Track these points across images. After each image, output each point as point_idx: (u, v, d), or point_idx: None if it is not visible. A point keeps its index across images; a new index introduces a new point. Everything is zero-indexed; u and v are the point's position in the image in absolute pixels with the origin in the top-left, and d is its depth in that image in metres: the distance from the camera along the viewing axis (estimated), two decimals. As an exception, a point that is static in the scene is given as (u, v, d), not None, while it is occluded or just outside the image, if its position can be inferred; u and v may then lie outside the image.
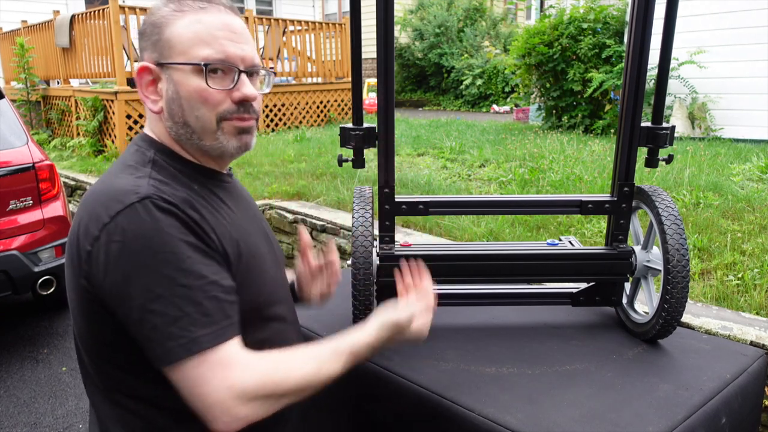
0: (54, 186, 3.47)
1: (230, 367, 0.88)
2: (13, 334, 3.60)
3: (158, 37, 0.99)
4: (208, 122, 1.00)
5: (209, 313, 0.89)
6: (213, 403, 0.86)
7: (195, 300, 0.88)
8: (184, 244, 0.89)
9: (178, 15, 0.98)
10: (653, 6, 1.50)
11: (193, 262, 0.89)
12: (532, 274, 1.65)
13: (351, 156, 1.64)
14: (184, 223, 0.91)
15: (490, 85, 12.63)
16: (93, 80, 8.27)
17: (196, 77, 0.97)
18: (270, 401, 0.90)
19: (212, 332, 0.88)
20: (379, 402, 1.45)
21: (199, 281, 0.89)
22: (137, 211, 0.88)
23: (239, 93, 1.00)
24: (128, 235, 0.87)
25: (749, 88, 6.19)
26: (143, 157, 1.01)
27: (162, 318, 0.86)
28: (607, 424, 1.18)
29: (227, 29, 0.99)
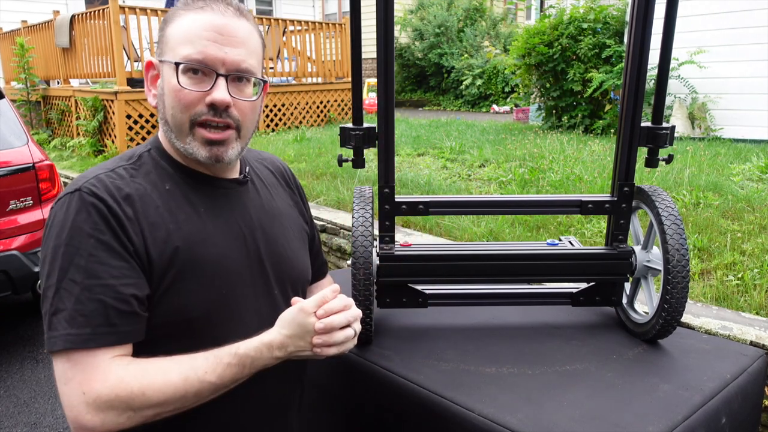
0: (54, 186, 3.47)
1: (92, 373, 0.87)
2: (13, 334, 3.60)
3: (162, 34, 1.01)
4: (181, 123, 0.99)
5: (87, 315, 0.88)
6: (67, 405, 0.88)
7: (78, 298, 0.88)
8: (93, 240, 0.90)
9: (182, 13, 0.99)
10: (653, 6, 1.49)
11: (94, 261, 0.89)
12: (532, 274, 1.65)
13: (351, 156, 1.63)
14: (104, 219, 0.91)
15: (490, 85, 12.63)
16: (93, 80, 8.27)
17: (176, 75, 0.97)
18: (127, 412, 0.87)
19: (83, 334, 0.87)
20: (379, 402, 1.45)
21: (90, 280, 0.88)
22: (64, 202, 0.93)
23: (209, 96, 0.97)
24: (53, 221, 0.93)
25: (749, 88, 6.19)
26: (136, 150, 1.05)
27: (48, 306, 0.89)
28: (607, 424, 1.17)
29: (215, 30, 0.97)
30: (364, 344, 1.52)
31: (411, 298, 1.66)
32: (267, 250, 1.12)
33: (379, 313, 1.71)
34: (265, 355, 0.96)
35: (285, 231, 1.19)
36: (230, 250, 1.04)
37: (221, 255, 1.03)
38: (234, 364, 0.94)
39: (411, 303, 1.66)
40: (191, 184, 1.03)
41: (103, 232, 0.91)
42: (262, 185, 1.19)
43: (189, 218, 1.00)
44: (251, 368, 0.96)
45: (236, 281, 1.04)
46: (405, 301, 1.66)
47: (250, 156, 1.23)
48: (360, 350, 1.49)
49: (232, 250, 1.05)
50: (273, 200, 1.19)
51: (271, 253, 1.12)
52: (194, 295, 0.98)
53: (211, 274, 1.01)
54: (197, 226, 1.01)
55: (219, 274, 1.02)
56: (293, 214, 1.26)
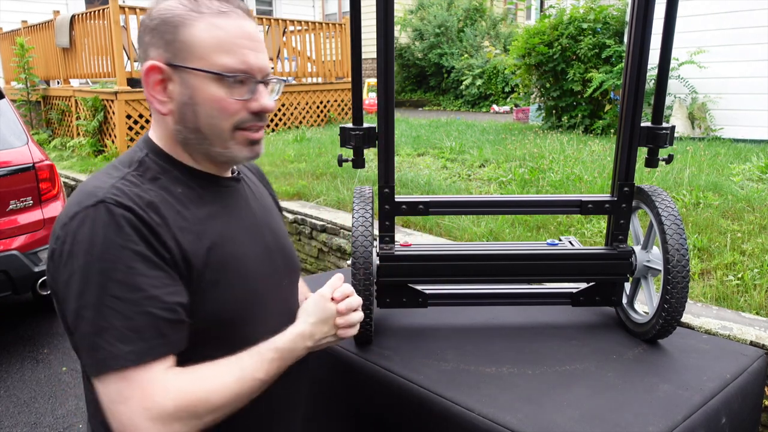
0: (54, 186, 3.47)
1: (151, 387, 0.84)
2: (13, 334, 3.60)
3: (173, 37, 0.94)
4: (222, 131, 0.98)
5: (139, 329, 0.84)
6: (128, 425, 0.83)
7: (125, 314, 0.84)
8: (128, 252, 0.86)
9: (196, 16, 0.94)
10: (653, 6, 1.50)
11: (133, 273, 0.86)
12: (532, 274, 1.65)
13: (351, 156, 1.63)
14: (135, 229, 0.87)
15: (490, 85, 12.63)
16: (93, 80, 8.28)
17: (216, 85, 0.95)
18: (191, 421, 0.86)
19: (138, 350, 0.84)
20: (379, 402, 1.45)
21: (135, 294, 0.85)
22: (89, 215, 0.87)
23: (258, 104, 0.98)
24: (77, 238, 0.86)
25: (749, 88, 6.19)
26: (132, 156, 1.00)
27: (90, 327, 0.84)
28: (607, 424, 1.17)
29: (247, 37, 0.96)
30: (364, 344, 1.52)
31: (411, 298, 1.66)
32: (274, 243, 1.14)
33: (379, 313, 1.71)
34: (299, 346, 1.02)
35: (278, 223, 1.22)
36: (250, 246, 1.06)
37: (245, 252, 1.04)
38: (277, 359, 0.98)
39: (411, 303, 1.66)
40: (200, 184, 1.02)
41: (137, 243, 0.87)
42: (251, 182, 1.20)
43: (209, 218, 1.00)
44: (289, 361, 1.01)
45: (259, 276, 1.06)
46: (405, 301, 1.66)
47: None
48: (360, 350, 1.49)
49: (252, 246, 1.06)
50: (261, 196, 1.21)
51: (278, 246, 1.15)
52: (230, 293, 0.99)
53: (242, 272, 1.02)
54: (219, 226, 1.01)
55: (247, 270, 1.03)
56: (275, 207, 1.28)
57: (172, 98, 0.97)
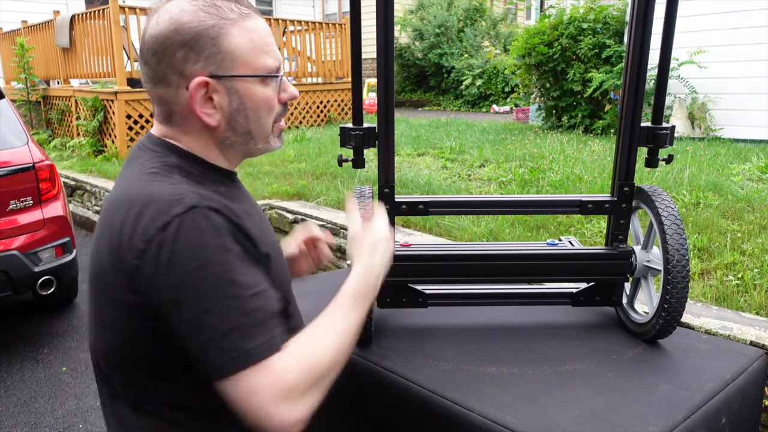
0: (54, 186, 3.47)
1: (278, 373, 0.86)
2: (13, 334, 3.60)
3: (215, 49, 0.93)
4: (268, 127, 1.03)
5: (259, 323, 0.87)
6: (263, 415, 0.85)
7: (245, 311, 0.86)
8: (230, 254, 0.88)
9: (227, 23, 0.94)
10: (653, 6, 1.50)
11: (241, 272, 0.88)
12: (532, 274, 1.65)
13: (351, 156, 1.64)
14: (229, 231, 0.89)
15: (490, 85, 12.63)
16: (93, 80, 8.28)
17: (262, 87, 0.98)
18: (319, 385, 0.90)
19: (263, 343, 0.86)
20: (379, 402, 1.45)
21: (247, 291, 0.87)
22: (185, 223, 0.86)
23: (287, 94, 1.03)
24: (177, 247, 0.85)
25: (749, 88, 6.19)
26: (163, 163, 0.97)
27: (213, 332, 0.84)
28: (607, 424, 1.18)
29: (270, 35, 1.01)
30: (364, 344, 1.52)
31: (411, 298, 1.66)
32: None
33: (379, 313, 1.71)
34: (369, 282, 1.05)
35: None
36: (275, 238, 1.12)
37: (276, 242, 1.11)
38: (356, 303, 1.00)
39: (411, 303, 1.66)
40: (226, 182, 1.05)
41: (233, 244, 0.90)
42: None
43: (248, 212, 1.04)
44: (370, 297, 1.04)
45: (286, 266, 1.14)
46: (405, 301, 1.66)
47: None
48: (360, 350, 1.49)
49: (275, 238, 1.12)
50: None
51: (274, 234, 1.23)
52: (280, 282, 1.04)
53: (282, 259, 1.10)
54: (256, 219, 1.06)
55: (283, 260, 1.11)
56: None
57: (220, 109, 0.97)
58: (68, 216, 3.54)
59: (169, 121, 0.99)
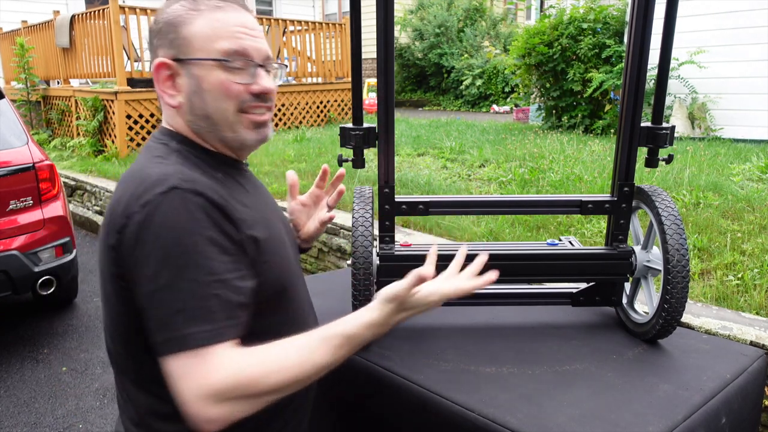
0: (54, 186, 3.47)
1: (211, 367, 0.87)
2: (13, 334, 3.60)
3: (175, 35, 1.01)
4: (228, 113, 1.03)
5: (211, 311, 0.88)
6: (185, 402, 0.86)
7: (200, 295, 0.88)
8: (202, 237, 0.90)
9: (195, 14, 1.02)
10: (653, 6, 1.50)
11: (207, 256, 0.89)
12: (532, 274, 1.65)
13: (351, 156, 1.64)
14: (207, 214, 0.91)
15: (490, 85, 12.63)
16: (93, 80, 8.28)
17: (218, 71, 1.01)
18: (248, 401, 0.88)
19: (207, 331, 0.87)
20: (380, 402, 1.45)
21: (209, 277, 0.89)
22: (163, 201, 0.90)
23: (258, 86, 1.03)
24: (150, 223, 0.89)
25: (749, 88, 6.19)
26: (167, 147, 1.04)
27: (163, 308, 0.87)
28: (607, 424, 1.18)
29: (242, 25, 1.03)
30: (364, 344, 1.52)
31: (411, 298, 1.66)
32: (286, 224, 1.22)
33: (379, 313, 1.71)
34: (367, 334, 1.00)
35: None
36: (278, 226, 1.13)
37: (278, 229, 1.12)
38: (345, 345, 0.97)
39: (411, 303, 1.66)
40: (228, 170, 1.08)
41: (209, 228, 0.91)
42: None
43: (248, 199, 1.06)
44: (356, 347, 1.00)
45: (288, 247, 1.15)
46: (405, 301, 1.65)
47: None
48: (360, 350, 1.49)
49: (279, 226, 1.13)
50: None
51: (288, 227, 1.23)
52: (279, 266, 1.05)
53: (281, 244, 1.09)
54: (257, 206, 1.07)
55: (284, 243, 1.12)
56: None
57: (181, 91, 1.03)
58: (68, 216, 3.54)
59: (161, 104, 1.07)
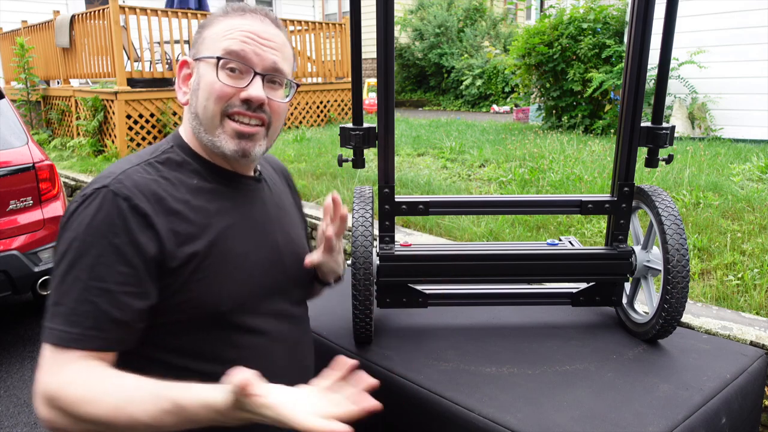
0: (54, 186, 3.47)
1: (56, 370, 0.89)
2: (13, 334, 3.60)
3: (199, 36, 1.06)
4: (212, 115, 1.02)
5: (82, 315, 0.90)
6: (34, 390, 0.90)
7: (77, 297, 0.90)
8: (107, 242, 0.91)
9: (221, 19, 1.05)
10: (653, 6, 1.50)
11: (102, 262, 0.91)
12: (532, 274, 1.65)
13: (351, 156, 1.64)
14: (123, 220, 0.92)
15: (490, 85, 12.62)
16: (93, 80, 8.27)
17: (214, 70, 1.02)
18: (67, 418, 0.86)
19: (73, 333, 0.90)
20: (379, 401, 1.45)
21: (93, 282, 0.90)
22: (89, 198, 0.94)
23: (245, 92, 1.02)
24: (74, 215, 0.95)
25: (749, 88, 6.19)
26: (159, 145, 1.07)
27: (52, 295, 0.93)
28: (607, 424, 1.18)
29: (254, 32, 1.03)
30: (364, 344, 1.52)
31: (411, 298, 1.66)
32: (285, 246, 1.16)
33: (379, 313, 1.71)
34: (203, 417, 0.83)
35: (295, 228, 1.24)
36: (256, 245, 1.09)
37: (249, 249, 1.07)
38: (171, 413, 0.84)
39: (411, 303, 1.66)
40: (217, 180, 1.07)
41: (118, 235, 0.92)
42: (272, 183, 1.23)
43: (218, 213, 1.04)
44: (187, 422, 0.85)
45: (262, 273, 1.09)
46: (405, 301, 1.66)
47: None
48: (360, 350, 1.49)
49: (258, 246, 1.09)
50: (281, 198, 1.24)
51: (288, 250, 1.17)
52: (226, 287, 1.01)
53: (243, 267, 1.05)
54: (227, 221, 1.04)
55: (247, 267, 1.06)
56: (296, 211, 1.31)
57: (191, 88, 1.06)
58: (68, 216, 3.54)
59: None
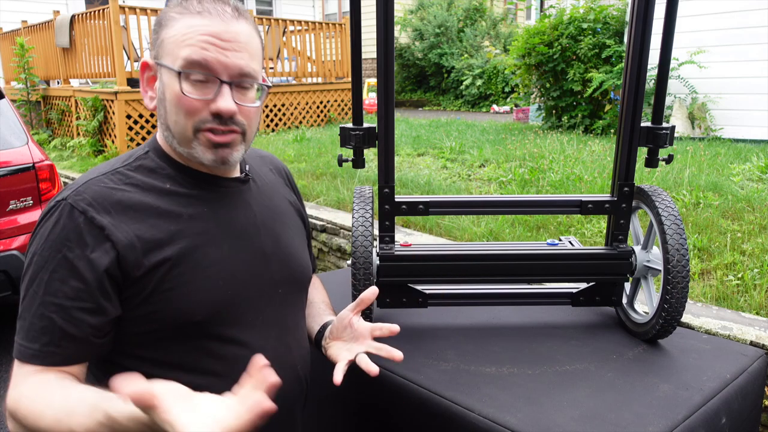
0: (54, 186, 3.47)
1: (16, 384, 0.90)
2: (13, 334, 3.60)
3: (157, 36, 0.99)
4: (184, 129, 0.97)
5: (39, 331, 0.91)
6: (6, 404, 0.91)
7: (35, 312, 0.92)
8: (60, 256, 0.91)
9: (178, 17, 0.95)
10: (653, 6, 1.49)
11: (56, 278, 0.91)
12: (532, 274, 1.65)
13: (351, 156, 1.64)
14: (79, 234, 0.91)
15: (490, 85, 12.63)
16: (93, 80, 8.27)
17: (177, 82, 0.94)
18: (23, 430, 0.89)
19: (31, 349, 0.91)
20: (379, 402, 1.45)
21: (47, 297, 0.91)
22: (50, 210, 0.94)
23: (214, 105, 0.95)
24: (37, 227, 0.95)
25: (749, 88, 6.19)
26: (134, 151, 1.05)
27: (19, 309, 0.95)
28: (607, 424, 1.17)
29: (215, 35, 0.94)
30: (364, 344, 1.52)
31: (411, 298, 1.66)
32: (272, 248, 1.11)
33: (379, 313, 1.71)
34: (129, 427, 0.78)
35: (287, 229, 1.18)
36: (236, 250, 1.03)
37: (226, 254, 1.02)
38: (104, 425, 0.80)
39: (411, 303, 1.66)
40: (194, 184, 1.02)
41: (72, 249, 0.90)
42: (264, 183, 1.18)
43: (191, 218, 0.99)
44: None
45: (241, 281, 1.03)
46: (405, 301, 1.66)
47: (250, 154, 1.20)
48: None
49: (238, 250, 1.04)
50: (274, 198, 1.18)
51: (276, 252, 1.11)
52: (199, 296, 0.97)
53: (216, 275, 0.99)
54: (201, 227, 1.00)
55: (224, 274, 1.01)
56: (293, 212, 1.25)
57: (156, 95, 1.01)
58: (68, 216, 3.54)
59: None
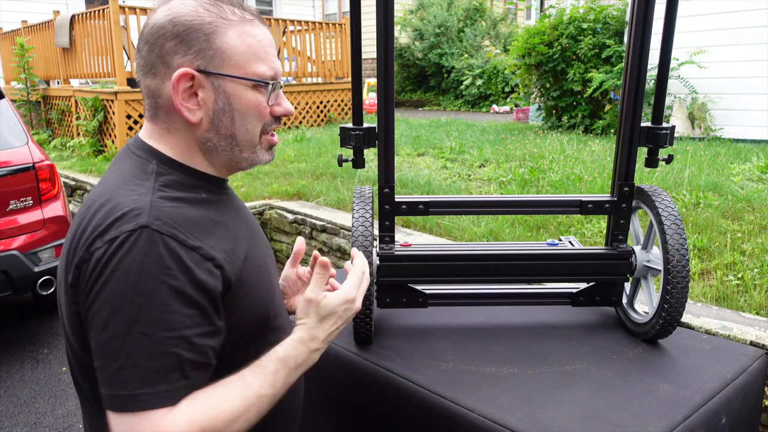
0: (54, 186, 3.47)
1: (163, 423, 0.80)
2: (13, 334, 3.60)
3: (206, 45, 0.92)
4: (255, 136, 1.00)
5: (163, 371, 0.81)
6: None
7: (152, 353, 0.80)
8: (165, 287, 0.82)
9: (225, 24, 0.93)
10: (653, 6, 1.50)
11: (168, 310, 0.82)
12: (532, 274, 1.65)
13: (351, 156, 1.64)
14: (177, 259, 0.83)
15: (490, 85, 12.63)
16: (93, 80, 8.28)
17: (253, 92, 0.97)
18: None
19: (156, 393, 0.81)
20: (379, 402, 1.45)
21: (164, 333, 0.81)
22: (129, 242, 0.82)
23: (281, 108, 1.02)
24: (112, 264, 0.81)
25: (749, 88, 6.19)
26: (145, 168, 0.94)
27: (111, 361, 0.80)
28: (607, 424, 1.18)
29: (271, 45, 1.00)
30: (364, 344, 1.52)
31: (411, 298, 1.66)
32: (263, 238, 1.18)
33: (379, 313, 1.71)
34: (301, 351, 0.97)
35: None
36: (261, 244, 1.10)
37: (263, 250, 1.09)
38: (281, 369, 0.94)
39: (411, 303, 1.66)
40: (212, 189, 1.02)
41: (176, 277, 0.83)
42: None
43: (234, 222, 1.01)
44: (299, 368, 0.97)
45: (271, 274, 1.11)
46: (405, 301, 1.66)
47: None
48: (360, 350, 1.49)
49: (261, 246, 1.10)
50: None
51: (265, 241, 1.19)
52: (265, 295, 1.02)
53: (266, 272, 1.06)
54: (241, 228, 1.02)
55: (269, 269, 1.09)
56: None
57: (203, 106, 0.95)
58: (68, 216, 3.54)
59: (155, 117, 0.98)
